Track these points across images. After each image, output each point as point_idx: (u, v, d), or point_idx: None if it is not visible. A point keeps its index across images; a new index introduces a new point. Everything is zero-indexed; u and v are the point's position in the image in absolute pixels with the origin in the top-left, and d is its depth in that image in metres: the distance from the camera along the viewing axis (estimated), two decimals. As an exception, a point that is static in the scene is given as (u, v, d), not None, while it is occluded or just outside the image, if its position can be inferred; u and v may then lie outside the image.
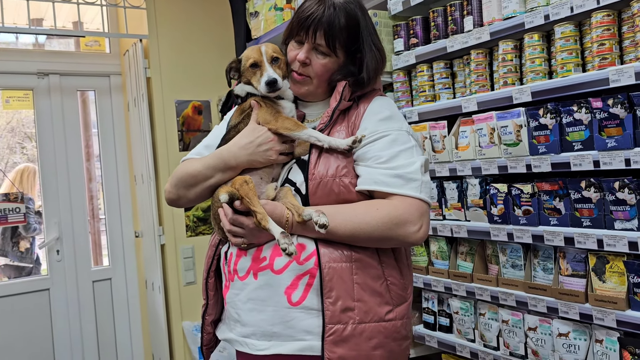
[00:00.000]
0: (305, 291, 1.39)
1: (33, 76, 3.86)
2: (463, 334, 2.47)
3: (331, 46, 1.47)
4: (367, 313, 1.38)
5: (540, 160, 2.05)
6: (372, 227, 1.36)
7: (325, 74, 1.50)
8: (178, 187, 1.57)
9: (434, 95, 2.53)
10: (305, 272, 1.39)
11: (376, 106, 1.50)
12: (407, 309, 1.48)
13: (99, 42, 4.16)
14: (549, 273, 2.14)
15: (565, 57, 1.99)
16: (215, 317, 1.62)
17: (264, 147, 1.46)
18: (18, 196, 3.81)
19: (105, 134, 4.13)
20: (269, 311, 1.41)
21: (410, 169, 1.41)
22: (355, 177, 1.44)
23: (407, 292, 1.49)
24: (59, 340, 3.89)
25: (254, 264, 1.43)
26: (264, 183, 1.49)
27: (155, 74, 3.75)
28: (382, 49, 1.55)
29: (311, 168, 1.43)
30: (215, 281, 1.60)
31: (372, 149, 1.43)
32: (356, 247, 1.40)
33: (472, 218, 2.36)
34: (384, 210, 1.38)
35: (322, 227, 1.33)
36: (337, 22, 1.45)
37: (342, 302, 1.37)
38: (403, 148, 1.44)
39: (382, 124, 1.46)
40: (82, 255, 4.00)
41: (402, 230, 1.38)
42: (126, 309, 4.16)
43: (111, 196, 4.13)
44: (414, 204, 1.40)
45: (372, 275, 1.41)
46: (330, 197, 1.42)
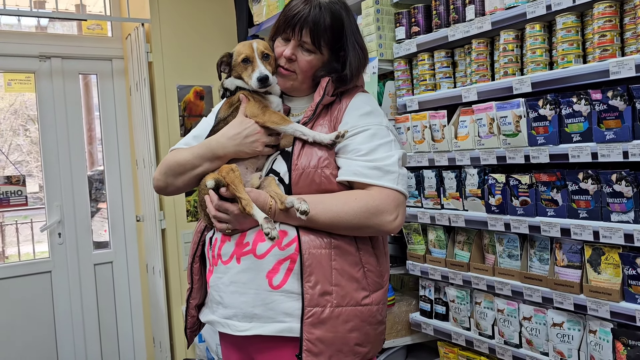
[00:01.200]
0: (286, 275, 1.45)
1: (35, 59, 3.86)
2: (459, 322, 2.49)
3: (316, 44, 1.53)
4: (344, 297, 1.45)
5: (539, 151, 2.05)
6: (351, 216, 1.43)
7: (309, 70, 1.56)
8: (167, 175, 1.63)
9: (434, 84, 2.53)
10: (286, 257, 1.45)
11: (358, 102, 1.57)
12: (383, 295, 1.55)
13: (100, 25, 4.15)
14: (544, 263, 2.15)
15: (566, 48, 1.98)
16: (199, 302, 1.69)
17: (251, 138, 1.52)
18: (20, 179, 3.83)
19: (107, 118, 4.13)
20: (251, 294, 1.47)
21: (388, 161, 1.48)
22: (336, 168, 1.50)
23: (383, 279, 1.56)
24: (61, 323, 3.93)
25: (238, 248, 1.49)
26: (249, 172, 1.55)
27: (157, 58, 3.74)
28: (364, 47, 1.61)
29: (294, 159, 1.49)
30: (200, 266, 1.66)
31: (353, 142, 1.50)
32: (335, 235, 1.47)
33: (470, 208, 2.37)
34: (362, 200, 1.44)
35: (303, 213, 1.39)
36: (322, 21, 1.52)
37: (320, 286, 1.43)
38: (382, 142, 1.51)
39: (363, 119, 1.53)
40: (83, 239, 4.03)
41: (379, 219, 1.45)
42: (127, 293, 4.20)
43: (113, 180, 4.15)
44: (391, 195, 1.47)
45: (350, 261, 1.48)
46: (311, 187, 1.48)
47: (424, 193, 2.57)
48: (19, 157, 4.24)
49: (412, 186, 2.62)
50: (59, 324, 3.93)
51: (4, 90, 3.96)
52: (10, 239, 4.62)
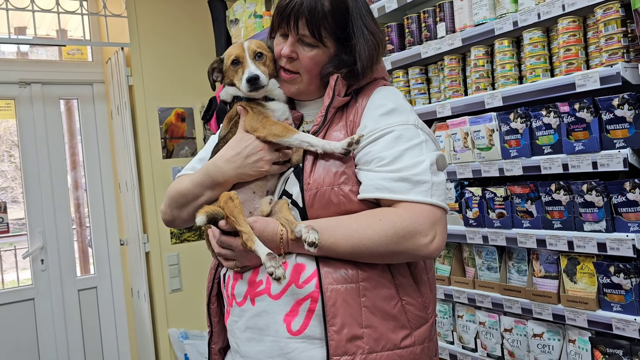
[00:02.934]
0: (306, 318, 1.23)
1: (15, 85, 3.86)
2: (442, 337, 2.49)
3: (316, 35, 1.29)
4: (379, 341, 1.21)
5: (512, 164, 2.08)
6: (376, 242, 1.18)
7: (314, 68, 1.33)
8: (172, 208, 1.44)
9: (410, 100, 2.57)
10: (305, 297, 1.23)
11: (377, 99, 1.32)
12: (428, 331, 1.29)
13: (81, 50, 4.17)
14: (523, 275, 2.17)
15: (533, 63, 2.03)
16: (222, 345, 1.47)
17: (253, 157, 1.30)
18: (1, 206, 3.81)
19: (89, 142, 4.13)
20: (268, 341, 1.26)
21: (417, 169, 1.22)
22: (356, 184, 1.26)
23: (427, 312, 1.30)
24: (45, 350, 3.88)
25: (250, 288, 1.29)
26: (257, 197, 1.34)
27: (138, 81, 3.76)
28: (376, 32, 1.35)
29: (306, 177, 1.26)
30: (218, 306, 1.46)
31: (374, 149, 1.25)
32: (363, 265, 1.23)
33: (449, 221, 2.39)
34: (388, 222, 1.19)
35: (312, 245, 1.16)
36: (319, 7, 1.28)
37: (348, 329, 1.19)
38: (409, 145, 1.25)
39: (384, 119, 1.27)
40: (67, 265, 4.00)
41: (411, 243, 1.19)
42: (112, 317, 4.16)
43: (96, 204, 4.14)
44: (424, 211, 1.20)
45: (384, 296, 1.23)
46: (329, 209, 1.25)
47: (404, 208, 2.59)
48: (4, 184, 4.21)
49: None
50: (43, 351, 3.87)
51: (-16, 118, 3.95)
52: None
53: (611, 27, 1.78)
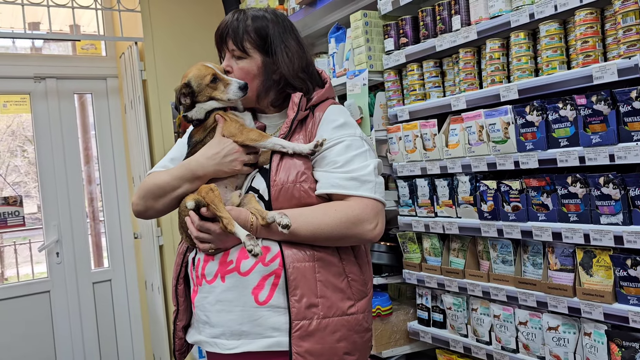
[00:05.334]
0: (271, 291, 1.47)
1: (30, 80, 3.90)
2: (456, 330, 2.50)
3: (240, 47, 1.57)
4: (330, 308, 1.47)
5: (528, 157, 2.07)
6: (332, 227, 1.46)
7: (246, 77, 1.58)
8: (146, 199, 1.64)
9: (424, 94, 2.56)
10: (270, 273, 1.47)
11: (330, 114, 1.59)
12: (367, 303, 1.57)
13: (94, 45, 4.20)
14: (538, 268, 2.17)
15: (550, 55, 2.02)
16: (185, 323, 1.69)
17: (230, 157, 1.54)
18: (17, 200, 3.85)
19: (103, 137, 4.17)
20: (237, 311, 1.48)
21: (365, 171, 1.51)
22: (314, 182, 1.52)
23: (367, 287, 1.58)
24: (60, 342, 3.93)
25: (221, 267, 1.50)
26: (228, 191, 1.56)
27: (151, 76, 3.78)
28: (292, 46, 1.61)
29: (272, 175, 1.51)
30: (185, 288, 1.67)
31: (329, 154, 1.53)
32: (318, 247, 1.49)
33: (463, 215, 2.39)
34: (341, 211, 1.47)
35: (285, 227, 1.41)
36: (241, 25, 1.57)
37: (306, 299, 1.45)
38: (357, 153, 1.53)
39: (337, 131, 1.55)
40: (82, 257, 4.04)
41: (359, 229, 1.48)
42: (126, 310, 4.20)
43: (110, 198, 4.17)
44: (370, 204, 1.50)
45: (334, 272, 1.50)
46: (291, 202, 1.50)
47: (418, 202, 2.59)
48: (17, 178, 4.26)
49: (406, 195, 2.64)
50: (59, 343, 3.93)
51: (0, 112, 3.99)
52: (9, 260, 4.63)
53: (629, 18, 1.77)
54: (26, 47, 4.13)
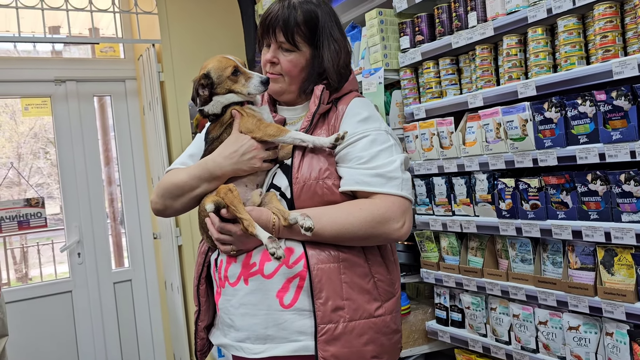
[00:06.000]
0: (296, 293, 1.43)
1: (50, 83, 3.96)
2: (475, 329, 2.47)
3: (291, 41, 1.51)
4: (357, 310, 1.43)
5: (547, 154, 2.04)
6: (357, 227, 1.41)
7: (293, 70, 1.54)
8: (165, 198, 1.60)
9: (440, 91, 2.54)
10: (295, 275, 1.43)
11: (354, 107, 1.54)
12: (395, 303, 1.52)
13: (113, 47, 4.25)
14: (558, 267, 2.14)
15: (568, 50, 1.98)
16: (207, 323, 1.65)
17: (248, 155, 1.48)
18: (39, 201, 3.92)
19: (122, 138, 4.22)
20: (262, 315, 1.45)
21: (391, 167, 1.45)
22: (337, 178, 1.47)
23: (394, 288, 1.53)
24: (83, 342, 3.99)
25: (244, 270, 1.47)
26: (249, 190, 1.51)
27: (169, 77, 3.82)
28: (340, 39, 1.56)
29: (294, 172, 1.46)
30: (206, 287, 1.63)
31: (353, 150, 1.47)
32: (342, 247, 1.44)
33: (481, 213, 2.36)
34: (367, 210, 1.42)
35: (308, 230, 1.36)
36: (292, 17, 1.50)
37: (332, 301, 1.41)
38: (382, 147, 1.48)
39: (361, 125, 1.50)
40: (102, 258, 4.09)
41: (386, 228, 1.42)
42: (147, 310, 4.25)
43: (129, 198, 4.22)
44: (396, 202, 1.44)
45: (360, 273, 1.46)
46: (314, 200, 1.45)
47: (435, 200, 2.57)
48: (40, 180, 4.33)
49: (423, 194, 2.63)
50: (81, 342, 3.98)
51: (22, 115, 4.07)
52: (32, 260, 4.71)
53: (650, 12, 1.73)
54: (47, 50, 4.19)
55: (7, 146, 4.26)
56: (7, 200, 3.86)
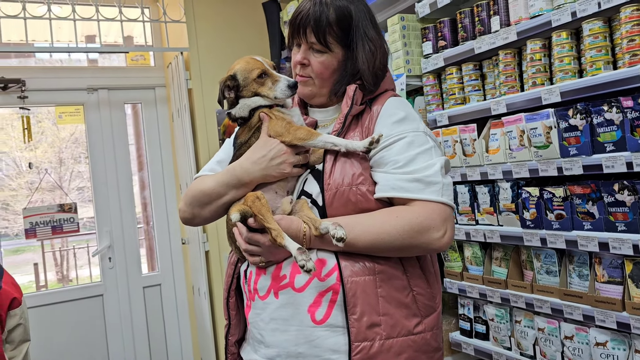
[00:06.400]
0: (329, 308, 1.33)
1: (83, 92, 4.06)
2: (499, 342, 2.40)
3: (322, 42, 1.42)
4: (394, 327, 1.32)
5: (572, 163, 1.97)
6: (393, 236, 1.30)
7: (324, 72, 1.45)
8: (192, 206, 1.52)
9: (464, 97, 2.49)
10: (327, 289, 1.33)
11: (389, 108, 1.43)
12: (436, 319, 1.40)
13: (144, 56, 4.33)
14: (584, 280, 2.05)
15: (594, 55, 1.91)
16: (238, 337, 1.56)
17: (277, 160, 1.40)
18: (72, 207, 4.01)
19: (152, 144, 4.29)
20: (293, 331, 1.35)
21: (429, 171, 1.34)
22: (372, 184, 1.37)
23: (435, 302, 1.41)
24: (113, 345, 4.06)
25: (274, 282, 1.38)
26: (279, 197, 1.43)
27: (196, 85, 3.86)
28: (375, 39, 1.46)
29: (326, 177, 1.37)
30: (236, 300, 1.54)
31: (388, 153, 1.37)
32: (378, 258, 1.34)
33: (505, 223, 2.30)
34: (404, 218, 1.31)
35: (340, 240, 1.26)
36: (324, 16, 1.41)
37: (367, 317, 1.31)
38: (420, 150, 1.37)
39: (397, 127, 1.39)
40: (132, 262, 4.17)
41: (425, 237, 1.31)
42: (175, 314, 4.30)
43: (159, 204, 4.29)
44: (436, 209, 1.32)
45: (397, 286, 1.35)
46: (347, 207, 1.35)
47: (458, 209, 2.51)
48: (81, 184, 4.44)
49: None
50: (112, 345, 4.06)
51: (57, 123, 4.18)
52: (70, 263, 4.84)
53: (680, 14, 1.65)
54: (82, 59, 4.31)
55: (50, 151, 4.42)
56: (41, 206, 3.97)
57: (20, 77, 3.85)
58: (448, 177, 1.38)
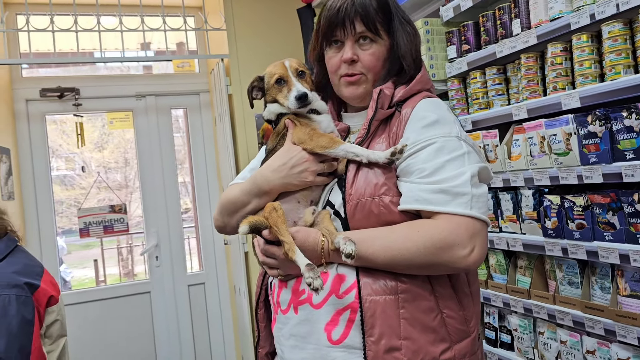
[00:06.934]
0: (346, 328, 1.24)
1: (132, 98, 4.27)
2: (523, 353, 2.34)
3: (373, 29, 1.33)
4: (417, 353, 1.20)
5: (592, 171, 1.89)
6: (413, 253, 1.19)
7: (377, 64, 1.36)
8: (223, 215, 1.49)
9: (487, 102, 2.43)
10: (345, 307, 1.24)
11: (420, 110, 1.31)
12: (470, 345, 1.26)
13: (189, 63, 4.48)
14: (606, 292, 1.97)
15: (613, 59, 1.83)
16: (268, 350, 1.49)
17: (298, 168, 1.33)
18: (122, 207, 4.23)
19: (197, 148, 4.44)
20: (310, 349, 1.28)
21: (457, 181, 1.21)
22: (397, 195, 1.26)
23: (469, 326, 1.28)
24: (160, 341, 4.24)
25: (294, 296, 1.32)
26: (301, 207, 1.36)
27: (236, 90, 3.97)
28: (411, 21, 1.40)
29: (348, 187, 1.28)
30: (265, 312, 1.49)
31: (415, 161, 1.25)
32: (402, 276, 1.23)
33: (528, 231, 2.24)
34: (425, 233, 1.19)
35: (349, 256, 1.18)
36: (368, 3, 1.34)
37: (386, 340, 1.20)
38: (450, 157, 1.23)
39: (427, 131, 1.27)
40: (178, 261, 4.34)
41: (449, 255, 1.18)
42: (219, 312, 4.44)
43: (203, 205, 4.43)
44: (463, 223, 1.19)
45: (423, 308, 1.23)
46: (370, 219, 1.26)
47: (483, 215, 2.46)
48: (137, 183, 4.67)
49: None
50: (158, 341, 4.24)
51: (108, 128, 4.42)
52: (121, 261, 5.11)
53: (700, 15, 1.55)
54: (136, 66, 4.53)
55: (116, 152, 4.74)
56: (94, 207, 4.20)
57: (75, 86, 4.09)
58: (482, 187, 1.25)
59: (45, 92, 4.04)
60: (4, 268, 1.96)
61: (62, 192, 5.51)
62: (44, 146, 4.07)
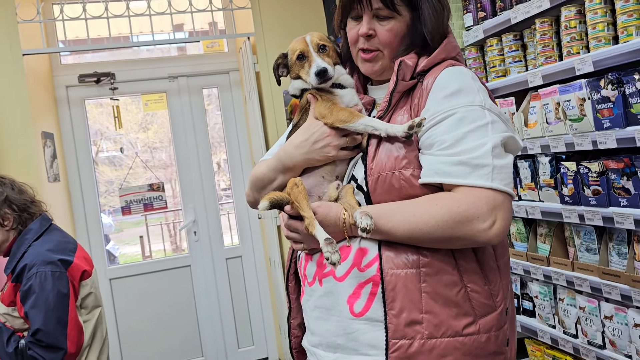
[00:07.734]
0: (368, 301, 1.25)
1: (165, 80, 4.39)
2: (544, 319, 2.35)
3: (390, 5, 1.29)
4: (439, 327, 1.19)
5: (605, 136, 1.87)
6: (432, 227, 1.16)
7: (394, 40, 1.32)
8: (253, 190, 1.50)
9: (505, 69, 2.41)
10: (367, 280, 1.25)
11: (442, 80, 1.25)
12: (496, 319, 1.23)
13: (218, 42, 4.56)
14: (623, 258, 1.96)
15: (625, 20, 1.78)
16: (300, 320, 1.49)
17: (320, 143, 1.33)
18: (160, 185, 4.40)
19: (229, 126, 4.55)
20: (333, 321, 1.30)
21: (478, 152, 1.16)
22: (418, 168, 1.24)
23: (495, 300, 1.24)
24: (201, 312, 4.44)
25: (319, 269, 1.33)
26: (326, 182, 1.36)
27: (263, 68, 4.02)
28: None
29: (369, 162, 1.27)
30: (296, 284, 1.51)
31: (435, 132, 1.21)
32: (424, 250, 1.21)
33: (545, 198, 2.23)
34: (444, 206, 1.16)
35: (364, 230, 1.18)
36: None
37: (407, 314, 1.20)
38: (472, 127, 1.19)
39: (448, 101, 1.22)
40: (215, 236, 4.50)
41: (469, 229, 1.15)
42: (256, 284, 4.59)
43: (237, 181, 4.56)
44: (483, 196, 1.15)
45: (446, 282, 1.21)
46: (391, 194, 1.24)
47: (502, 184, 2.46)
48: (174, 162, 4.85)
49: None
50: (200, 313, 4.44)
51: (144, 110, 4.57)
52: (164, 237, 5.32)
53: None
54: (169, 48, 4.65)
55: (160, 131, 4.94)
56: (134, 186, 4.39)
57: (110, 70, 4.25)
58: (506, 157, 1.20)
59: (84, 78, 4.21)
60: (39, 246, 2.12)
61: (110, 172, 5.79)
62: (84, 130, 4.26)
